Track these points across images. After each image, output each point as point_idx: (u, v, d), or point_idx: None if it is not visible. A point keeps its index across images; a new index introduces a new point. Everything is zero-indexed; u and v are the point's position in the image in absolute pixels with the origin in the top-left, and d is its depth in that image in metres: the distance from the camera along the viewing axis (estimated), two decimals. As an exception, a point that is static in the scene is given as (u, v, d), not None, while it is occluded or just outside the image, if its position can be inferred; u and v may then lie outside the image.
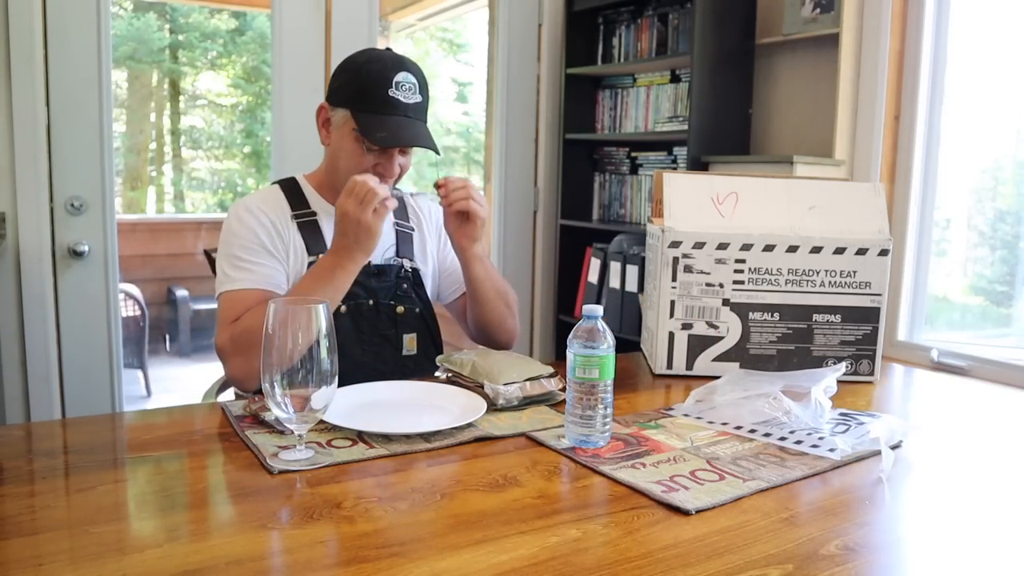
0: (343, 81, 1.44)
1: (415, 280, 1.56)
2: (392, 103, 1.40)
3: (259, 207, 1.45)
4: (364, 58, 1.43)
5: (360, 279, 1.46)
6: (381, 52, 1.45)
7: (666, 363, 1.53)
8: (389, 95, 1.39)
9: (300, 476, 0.96)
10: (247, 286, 1.40)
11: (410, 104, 1.41)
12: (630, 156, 3.16)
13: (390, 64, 1.41)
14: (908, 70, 2.38)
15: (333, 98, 1.45)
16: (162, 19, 6.30)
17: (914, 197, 2.39)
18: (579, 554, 0.79)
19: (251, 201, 1.47)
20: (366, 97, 1.40)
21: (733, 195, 1.54)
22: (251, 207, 1.45)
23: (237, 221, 1.44)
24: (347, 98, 1.42)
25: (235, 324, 1.35)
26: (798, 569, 0.77)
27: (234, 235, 1.43)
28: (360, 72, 1.41)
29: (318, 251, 1.45)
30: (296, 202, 1.49)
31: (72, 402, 2.38)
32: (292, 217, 1.47)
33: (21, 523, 0.82)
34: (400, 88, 1.40)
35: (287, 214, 1.47)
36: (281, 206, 1.48)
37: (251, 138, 6.74)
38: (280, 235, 1.45)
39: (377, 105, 1.39)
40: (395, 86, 1.40)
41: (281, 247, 1.44)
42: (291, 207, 1.48)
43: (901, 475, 1.06)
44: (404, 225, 1.60)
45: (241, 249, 1.42)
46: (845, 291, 1.51)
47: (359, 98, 1.40)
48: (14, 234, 2.25)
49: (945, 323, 2.49)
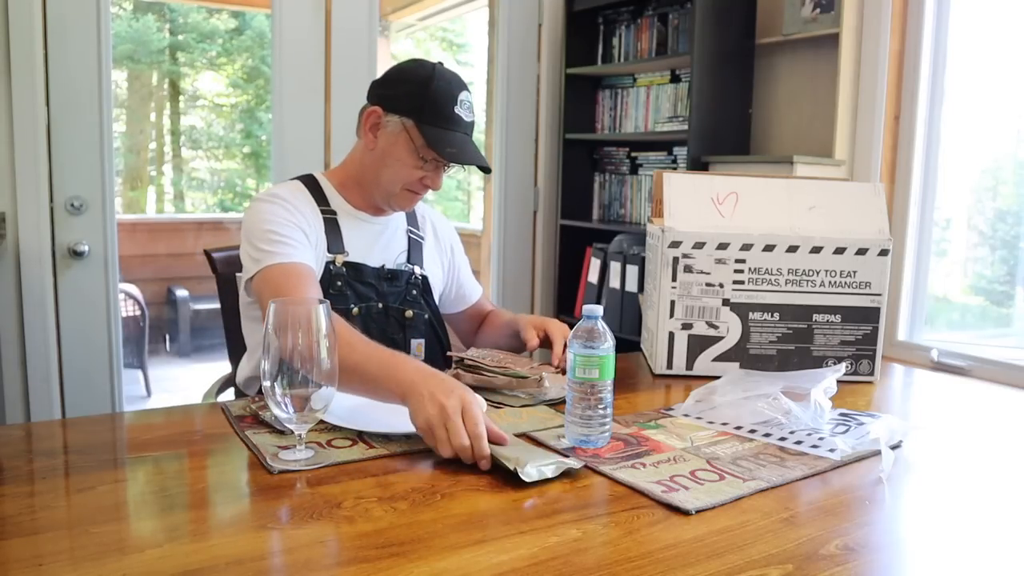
0: (406, 91, 1.42)
1: (424, 287, 1.56)
2: (456, 120, 1.41)
3: (289, 195, 1.43)
4: (427, 72, 1.42)
5: (373, 282, 1.47)
6: (442, 68, 1.44)
7: (666, 363, 1.53)
8: (455, 112, 1.40)
9: (300, 476, 0.96)
10: (294, 259, 1.32)
11: (469, 123, 1.44)
12: (630, 156, 3.16)
13: (454, 83, 1.42)
14: (908, 70, 2.38)
15: (391, 105, 1.43)
16: (161, 19, 6.30)
17: (914, 197, 2.39)
18: (579, 554, 0.79)
19: (279, 190, 1.45)
20: (435, 111, 1.40)
21: (733, 195, 1.54)
22: (280, 195, 1.42)
23: (267, 204, 1.40)
24: (411, 109, 1.41)
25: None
26: (798, 569, 0.77)
27: (265, 216, 1.37)
28: (428, 86, 1.40)
29: (336, 251, 1.45)
30: (319, 198, 1.48)
31: (72, 402, 2.38)
32: (319, 212, 1.46)
33: (21, 523, 0.82)
34: (463, 106, 1.42)
35: (315, 207, 1.46)
36: (308, 199, 1.47)
37: (251, 138, 6.74)
38: (310, 224, 1.43)
39: (443, 121, 1.40)
40: (460, 104, 1.41)
41: (312, 235, 1.42)
42: (317, 203, 1.47)
43: (901, 475, 1.06)
44: (415, 232, 1.61)
45: (277, 226, 1.36)
46: (845, 291, 1.51)
47: (427, 111, 1.40)
48: (14, 234, 2.25)
49: (945, 323, 2.49)
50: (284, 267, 1.31)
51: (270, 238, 1.34)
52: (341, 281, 1.44)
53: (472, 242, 4.26)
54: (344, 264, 1.45)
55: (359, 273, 1.46)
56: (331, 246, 1.45)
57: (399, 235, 1.57)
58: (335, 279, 1.43)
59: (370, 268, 1.48)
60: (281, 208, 1.39)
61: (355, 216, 1.50)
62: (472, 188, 6.16)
